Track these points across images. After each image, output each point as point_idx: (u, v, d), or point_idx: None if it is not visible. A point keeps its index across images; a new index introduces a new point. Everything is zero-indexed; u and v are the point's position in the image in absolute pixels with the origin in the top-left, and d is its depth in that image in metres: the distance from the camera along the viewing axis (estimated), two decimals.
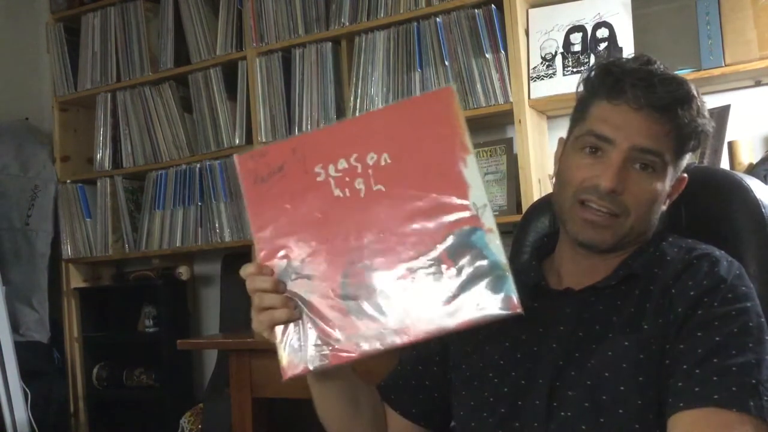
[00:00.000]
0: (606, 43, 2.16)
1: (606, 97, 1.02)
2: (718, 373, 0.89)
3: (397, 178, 0.93)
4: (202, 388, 2.92)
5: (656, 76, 1.00)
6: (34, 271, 3.02)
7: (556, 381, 0.99)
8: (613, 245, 1.03)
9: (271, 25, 2.62)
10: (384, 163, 0.93)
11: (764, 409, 0.87)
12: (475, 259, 0.88)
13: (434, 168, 0.92)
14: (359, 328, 0.92)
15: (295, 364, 0.94)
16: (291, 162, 0.97)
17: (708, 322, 0.93)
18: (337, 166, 0.95)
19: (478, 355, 1.10)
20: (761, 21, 1.97)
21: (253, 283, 0.96)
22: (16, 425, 2.63)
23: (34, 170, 3.05)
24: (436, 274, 0.90)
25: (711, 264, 0.99)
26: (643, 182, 1.00)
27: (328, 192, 0.95)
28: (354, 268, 0.93)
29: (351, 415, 1.12)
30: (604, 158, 1.00)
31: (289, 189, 0.97)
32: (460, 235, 0.89)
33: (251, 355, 1.85)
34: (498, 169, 2.28)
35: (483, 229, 0.89)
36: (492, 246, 0.88)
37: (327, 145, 0.96)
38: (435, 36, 2.32)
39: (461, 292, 0.89)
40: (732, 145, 1.98)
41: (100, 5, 3.02)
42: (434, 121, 0.92)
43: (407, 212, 0.92)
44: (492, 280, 0.88)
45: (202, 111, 2.79)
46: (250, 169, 0.99)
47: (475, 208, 0.89)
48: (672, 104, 0.99)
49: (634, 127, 0.99)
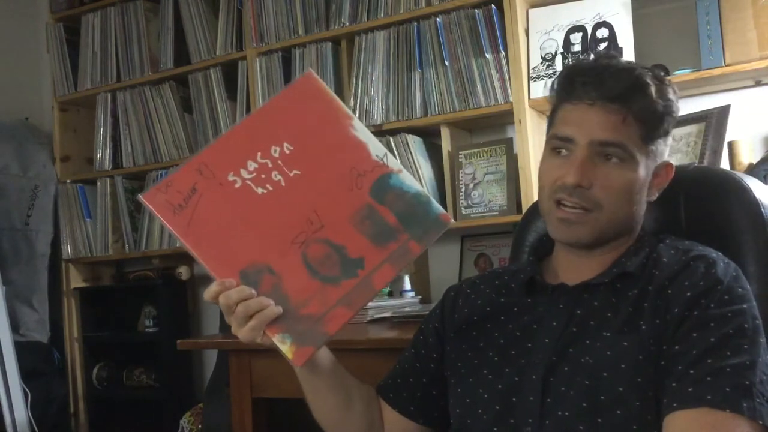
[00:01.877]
0: (606, 43, 2.16)
1: (566, 99, 1.06)
2: (711, 374, 0.90)
3: (306, 159, 1.03)
4: (202, 388, 2.92)
5: (606, 69, 1.03)
6: (34, 271, 3.02)
7: (550, 377, 0.99)
8: (593, 240, 1.05)
9: (271, 25, 2.62)
10: (288, 151, 1.03)
11: (757, 410, 0.87)
12: (399, 197, 1.02)
13: (330, 140, 1.04)
14: (339, 292, 1.00)
15: (303, 349, 0.99)
16: (201, 181, 1.02)
17: (703, 324, 0.94)
18: (248, 168, 1.02)
19: (474, 352, 1.10)
20: (761, 21, 1.97)
21: (227, 299, 0.98)
22: (16, 425, 2.63)
23: (34, 170, 3.05)
24: (377, 220, 1.01)
25: (708, 265, 0.99)
26: (611, 174, 1.02)
27: (251, 193, 1.02)
28: (308, 245, 1.01)
29: (343, 408, 1.14)
30: (570, 157, 1.04)
31: (212, 205, 1.02)
32: (378, 183, 1.02)
33: (251, 355, 1.85)
34: (498, 169, 2.28)
35: (393, 171, 1.03)
36: (407, 181, 1.03)
37: (229, 154, 1.03)
38: (435, 36, 2.32)
39: (405, 227, 1.01)
40: (732, 145, 1.98)
41: (100, 5, 3.02)
42: (310, 103, 1.04)
43: (329, 183, 1.02)
44: (421, 207, 1.02)
45: (202, 111, 2.79)
46: (163, 202, 1.02)
47: (379, 159, 1.03)
48: (624, 93, 1.01)
49: (591, 122, 1.02)
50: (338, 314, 1.00)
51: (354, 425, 1.16)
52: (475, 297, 1.17)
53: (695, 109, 2.01)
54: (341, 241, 1.01)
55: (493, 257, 2.43)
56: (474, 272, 2.41)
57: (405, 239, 1.01)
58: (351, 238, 1.01)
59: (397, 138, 2.35)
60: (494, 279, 1.19)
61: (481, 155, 2.32)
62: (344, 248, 1.01)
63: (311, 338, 0.99)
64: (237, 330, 1.00)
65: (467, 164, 2.33)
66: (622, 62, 1.08)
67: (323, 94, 1.04)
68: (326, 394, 1.13)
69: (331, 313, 0.99)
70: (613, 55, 1.08)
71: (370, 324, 1.97)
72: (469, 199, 2.31)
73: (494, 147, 2.31)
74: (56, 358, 3.07)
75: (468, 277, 1.26)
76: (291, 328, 0.99)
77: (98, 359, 3.07)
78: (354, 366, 1.19)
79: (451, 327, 1.17)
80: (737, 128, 2.03)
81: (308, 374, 1.10)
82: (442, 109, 2.32)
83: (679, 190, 1.19)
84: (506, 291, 1.14)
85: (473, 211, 2.29)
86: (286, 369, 1.11)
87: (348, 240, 1.01)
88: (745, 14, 1.98)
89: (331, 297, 1.00)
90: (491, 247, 2.43)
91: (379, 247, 1.01)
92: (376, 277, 1.01)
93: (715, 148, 1.91)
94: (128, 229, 2.95)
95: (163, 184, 1.02)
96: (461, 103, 2.29)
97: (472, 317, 1.14)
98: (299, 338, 0.99)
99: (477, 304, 1.16)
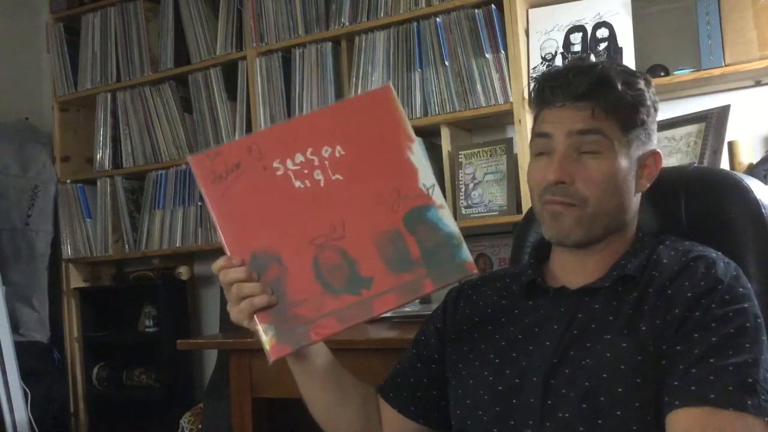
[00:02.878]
0: (606, 43, 2.16)
1: (541, 106, 1.08)
2: (714, 373, 0.90)
3: (353, 167, 1.02)
4: (202, 388, 2.92)
5: (570, 71, 1.05)
6: (34, 271, 3.02)
7: (551, 379, 0.99)
8: (583, 236, 1.05)
9: (271, 25, 2.62)
10: (338, 155, 1.02)
11: (762, 407, 0.87)
12: (432, 232, 1.00)
13: (384, 156, 1.03)
14: (336, 304, 0.99)
15: (280, 346, 0.99)
16: (248, 159, 1.03)
17: (705, 324, 0.94)
18: (295, 160, 1.03)
19: (475, 354, 1.10)
20: (761, 21, 1.97)
21: (226, 276, 1.01)
22: (16, 425, 2.63)
23: (34, 170, 3.05)
24: (401, 249, 1.00)
25: (708, 266, 0.99)
26: (592, 165, 1.03)
27: (289, 184, 1.02)
28: (323, 250, 1.01)
29: (337, 406, 1.14)
30: (551, 155, 1.05)
31: (249, 184, 1.02)
32: (416, 212, 1.01)
33: (251, 355, 1.85)
34: (498, 169, 2.28)
35: (435, 205, 1.01)
36: (445, 219, 1.01)
37: (282, 142, 1.03)
38: (435, 36, 2.32)
39: (426, 263, 0.99)
40: (732, 145, 1.98)
41: (100, 5, 3.02)
42: (378, 116, 1.04)
43: (366, 197, 1.01)
44: (449, 248, 1.00)
45: (202, 111, 2.79)
46: (207, 168, 1.03)
47: (425, 189, 1.01)
48: (589, 89, 1.02)
49: (565, 119, 1.04)
50: (327, 325, 0.99)
51: (349, 423, 1.16)
52: (476, 299, 1.17)
53: (695, 109, 2.01)
54: (356, 256, 1.00)
55: (493, 257, 2.43)
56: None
57: (421, 274, 0.99)
58: (367, 256, 1.00)
59: None
60: (496, 281, 1.19)
61: (481, 155, 2.32)
62: (357, 263, 1.00)
63: (292, 338, 0.99)
64: (229, 308, 1.02)
65: (467, 164, 2.33)
66: (590, 62, 1.10)
67: (393, 111, 1.04)
68: (319, 391, 1.13)
69: (320, 321, 0.99)
70: (583, 58, 1.10)
71: (370, 324, 1.97)
72: (469, 199, 2.31)
73: (494, 147, 2.31)
74: (56, 358, 3.07)
75: (470, 278, 1.26)
76: (278, 322, 0.99)
77: (98, 359, 3.07)
78: (354, 366, 1.19)
79: (452, 328, 1.17)
80: (737, 128, 2.03)
81: (300, 369, 1.11)
82: (442, 109, 2.32)
83: (680, 190, 1.19)
84: (507, 293, 1.14)
85: (473, 211, 2.29)
86: (286, 369, 1.11)
87: (363, 257, 1.00)
88: (745, 14, 1.98)
89: (326, 306, 0.99)
90: (491, 247, 2.43)
91: (392, 274, 1.00)
92: (378, 302, 0.99)
93: (715, 148, 1.92)
94: (128, 229, 2.95)
95: (213, 152, 1.04)
96: (461, 103, 2.29)
97: (473, 319, 1.15)
98: (281, 334, 0.99)
99: (478, 306, 1.16)
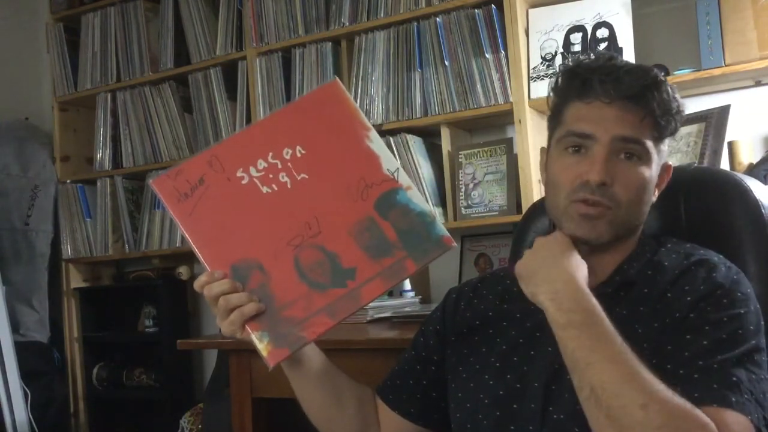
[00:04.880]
0: (606, 43, 2.16)
1: (577, 97, 1.05)
2: (699, 371, 0.89)
3: (316, 164, 1.03)
4: (202, 388, 2.92)
5: (621, 68, 1.03)
6: (34, 271, 3.02)
7: (552, 385, 0.99)
8: (610, 238, 1.03)
9: (271, 25, 2.62)
10: (300, 155, 1.04)
11: (745, 405, 0.87)
12: (404, 214, 1.02)
13: (345, 149, 1.04)
14: (324, 300, 1.00)
15: (277, 351, 0.99)
16: (210, 173, 1.03)
17: (698, 327, 0.93)
18: (258, 166, 1.03)
19: (476, 357, 1.10)
20: (761, 21, 1.96)
21: (211, 291, 1.00)
22: (16, 425, 2.63)
23: (34, 170, 3.05)
24: (378, 235, 1.01)
25: (708, 269, 0.99)
26: (630, 171, 1.01)
27: (256, 191, 1.03)
28: (302, 249, 1.01)
29: (332, 408, 1.14)
30: (588, 154, 1.02)
31: (217, 197, 1.03)
32: (385, 197, 1.02)
33: (251, 355, 1.85)
34: (498, 169, 2.28)
35: (402, 188, 1.03)
36: (415, 199, 1.03)
37: (241, 150, 1.04)
38: (435, 36, 2.32)
39: (404, 245, 1.01)
40: (732, 145, 1.98)
41: (100, 5, 3.02)
42: (331, 111, 1.05)
43: (334, 190, 1.03)
44: (424, 227, 1.01)
45: (202, 111, 2.79)
46: (170, 189, 1.03)
47: (390, 173, 1.03)
48: (641, 91, 1.00)
49: (610, 120, 1.01)
50: (319, 322, 0.99)
51: (346, 425, 1.16)
52: (477, 301, 1.17)
53: (695, 109, 2.00)
54: (336, 250, 1.01)
55: (493, 257, 2.43)
56: (474, 272, 2.41)
57: (401, 256, 1.01)
58: (346, 248, 1.01)
59: (397, 138, 2.35)
60: (497, 283, 1.18)
61: (481, 155, 2.31)
62: (337, 257, 1.01)
63: (288, 341, 0.99)
64: (219, 322, 1.01)
65: (467, 164, 2.33)
66: (630, 62, 1.08)
67: (344, 103, 1.05)
68: (313, 393, 1.13)
69: (312, 319, 0.99)
70: (614, 55, 1.08)
71: (370, 324, 1.97)
72: (469, 199, 2.31)
73: (494, 147, 2.31)
74: (56, 358, 3.07)
75: (469, 279, 1.26)
76: (270, 328, 0.99)
77: (98, 359, 3.07)
78: (354, 366, 1.19)
79: (452, 330, 1.16)
80: (737, 128, 2.03)
81: (294, 373, 1.10)
82: (442, 109, 2.32)
83: (679, 191, 1.19)
84: (509, 296, 1.13)
85: (473, 211, 2.29)
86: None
87: (343, 249, 1.01)
88: (745, 14, 1.98)
89: (315, 303, 1.00)
90: (491, 247, 2.43)
91: (373, 261, 1.01)
92: (365, 291, 1.00)
93: (715, 148, 1.91)
94: (128, 229, 2.95)
95: (174, 171, 1.04)
96: (461, 103, 2.29)
97: (474, 321, 1.14)
98: (276, 339, 0.99)
99: (480, 309, 1.15)
